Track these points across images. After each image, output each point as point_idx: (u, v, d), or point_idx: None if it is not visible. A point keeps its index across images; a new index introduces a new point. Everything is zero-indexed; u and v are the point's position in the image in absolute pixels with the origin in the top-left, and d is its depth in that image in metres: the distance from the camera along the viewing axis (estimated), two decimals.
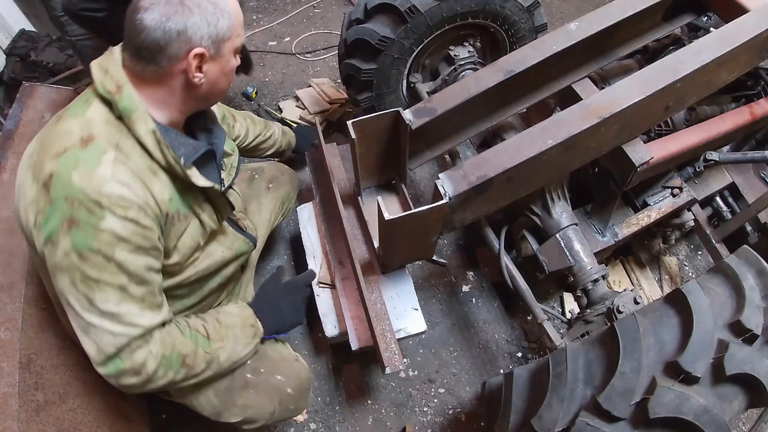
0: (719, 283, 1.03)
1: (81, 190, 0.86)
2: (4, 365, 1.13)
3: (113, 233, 0.88)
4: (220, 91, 1.04)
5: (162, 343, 0.99)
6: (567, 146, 1.26)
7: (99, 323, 0.92)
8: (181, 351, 1.02)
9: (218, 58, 0.97)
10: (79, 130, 0.91)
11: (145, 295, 0.96)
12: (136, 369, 0.96)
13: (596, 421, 0.98)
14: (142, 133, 0.92)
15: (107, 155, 0.89)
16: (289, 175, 1.80)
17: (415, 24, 1.71)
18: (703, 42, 1.34)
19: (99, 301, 0.91)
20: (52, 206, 0.87)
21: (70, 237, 0.87)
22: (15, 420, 1.07)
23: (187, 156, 0.99)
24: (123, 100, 0.91)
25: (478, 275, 2.07)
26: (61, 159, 0.88)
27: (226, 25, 0.94)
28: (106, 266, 0.89)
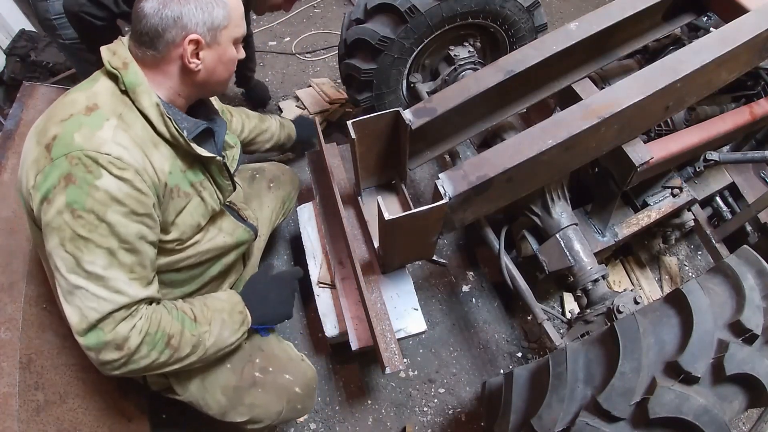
0: (719, 283, 1.03)
1: (80, 147, 0.89)
2: (4, 365, 1.13)
3: (108, 192, 0.89)
4: (220, 81, 1.08)
5: (147, 319, 0.98)
6: (567, 146, 1.26)
7: (84, 285, 0.91)
8: (166, 330, 1.01)
9: (215, 45, 1.01)
10: (85, 99, 0.95)
11: (135, 266, 0.96)
12: (118, 343, 0.94)
13: (596, 421, 0.98)
14: (146, 105, 0.96)
15: (110, 122, 0.93)
16: (290, 175, 1.80)
17: (415, 24, 1.71)
18: (703, 42, 1.34)
19: (86, 262, 0.90)
20: (52, 165, 0.90)
21: (65, 194, 0.89)
22: (15, 420, 1.07)
23: (189, 129, 1.04)
24: (129, 75, 0.96)
25: (478, 275, 2.07)
26: (65, 124, 0.92)
27: (222, 13, 0.98)
28: (97, 226, 0.90)
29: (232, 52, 1.06)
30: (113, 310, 0.93)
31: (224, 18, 0.99)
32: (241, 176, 1.67)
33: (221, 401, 1.25)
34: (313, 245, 1.69)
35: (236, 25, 1.03)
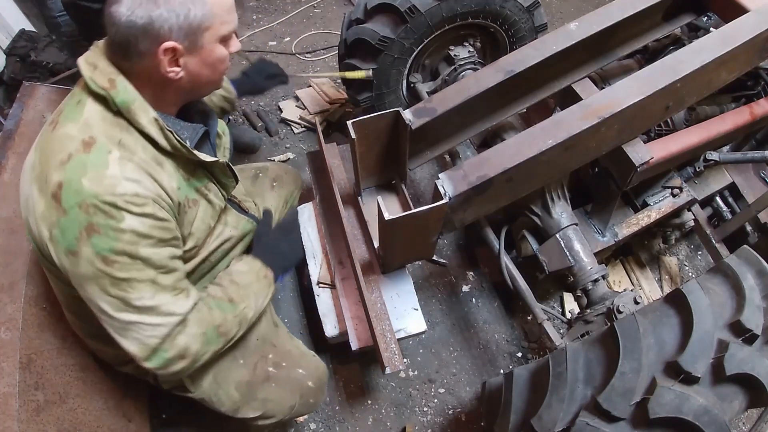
0: (719, 283, 1.03)
1: (95, 195, 0.85)
2: (4, 365, 1.13)
3: (134, 231, 0.88)
4: (209, 82, 1.00)
5: (198, 322, 1.01)
6: (567, 146, 1.26)
7: (138, 319, 0.92)
8: (214, 323, 1.04)
9: (197, 49, 0.91)
10: (79, 133, 0.88)
11: (175, 283, 0.97)
12: (182, 354, 0.98)
13: (596, 421, 0.98)
14: (145, 123, 0.91)
15: (113, 154, 0.88)
16: (292, 174, 1.80)
17: (415, 24, 1.71)
18: (703, 42, 1.34)
19: (134, 299, 0.91)
20: (67, 217, 0.86)
21: (91, 245, 0.86)
22: (15, 420, 1.06)
23: (191, 138, 1.01)
24: (119, 94, 0.89)
25: (478, 275, 2.07)
26: (67, 167, 0.86)
27: (200, 13, 0.87)
28: (133, 264, 0.89)
29: (219, 52, 0.95)
30: (169, 331, 0.95)
31: (205, 17, 0.88)
32: (244, 175, 1.67)
33: (234, 396, 1.26)
34: (313, 245, 1.69)
35: (222, 22, 0.92)
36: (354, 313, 1.50)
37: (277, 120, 2.54)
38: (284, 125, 2.55)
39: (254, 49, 2.88)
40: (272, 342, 1.35)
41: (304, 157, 1.86)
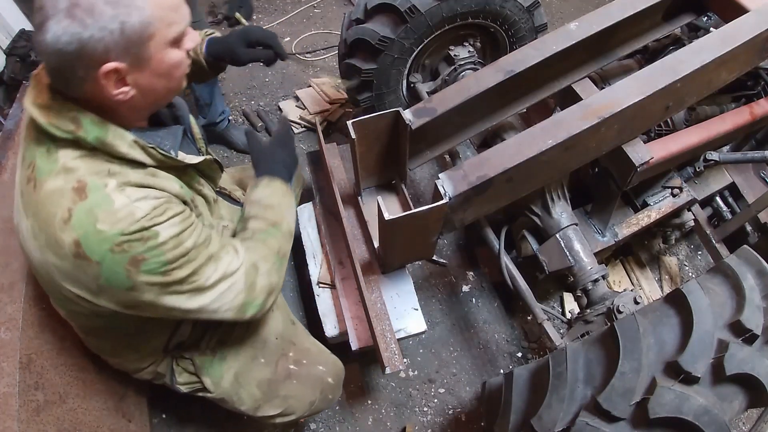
0: (719, 283, 1.03)
1: (120, 233, 0.80)
2: (4, 365, 1.12)
3: (173, 236, 0.85)
4: (169, 90, 0.91)
5: (263, 259, 1.05)
6: (567, 146, 1.26)
7: (217, 294, 0.95)
8: (275, 250, 1.09)
9: (143, 62, 0.80)
10: (65, 183, 0.81)
11: (222, 244, 0.99)
12: (269, 290, 1.04)
13: (596, 421, 0.98)
14: (126, 150, 0.84)
15: (109, 187, 0.82)
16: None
17: (415, 24, 1.71)
18: (703, 42, 1.34)
19: (205, 281, 0.93)
20: (105, 265, 0.81)
21: (144, 273, 0.83)
22: (15, 420, 1.06)
23: (173, 145, 0.96)
24: (89, 132, 0.81)
25: (478, 275, 2.07)
26: (74, 224, 0.80)
27: (138, 22, 0.75)
28: (189, 259, 0.89)
29: (172, 58, 0.84)
30: (246, 283, 0.99)
31: (144, 26, 0.76)
32: (246, 174, 1.67)
33: (256, 395, 1.27)
34: (313, 245, 1.69)
35: (169, 24, 0.81)
36: (354, 313, 1.50)
37: (277, 120, 2.54)
38: None
39: None
40: (291, 340, 1.37)
41: (304, 157, 1.86)
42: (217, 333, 1.28)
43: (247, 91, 2.68)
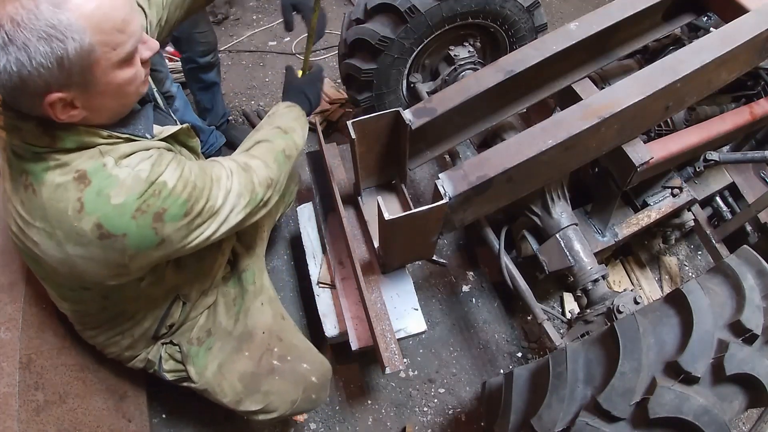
0: (719, 283, 1.03)
1: (134, 199, 0.83)
2: (4, 365, 1.13)
3: (178, 178, 0.89)
4: (125, 105, 0.88)
5: (262, 156, 1.11)
6: (567, 146, 1.26)
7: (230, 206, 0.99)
8: (280, 148, 1.17)
9: (90, 87, 0.77)
10: (64, 176, 0.82)
11: (209, 163, 1.01)
12: (267, 184, 1.09)
13: (596, 421, 0.98)
14: (103, 142, 0.85)
15: (107, 165, 0.83)
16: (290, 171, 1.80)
17: (415, 24, 1.70)
18: (703, 42, 1.34)
19: (217, 200, 0.96)
20: (130, 234, 0.84)
21: (168, 221, 0.87)
22: (15, 420, 1.06)
23: (146, 128, 0.94)
24: (66, 140, 0.81)
25: (478, 275, 2.07)
26: (88, 209, 0.81)
27: (75, 52, 0.71)
28: (199, 189, 0.92)
29: (121, 77, 0.80)
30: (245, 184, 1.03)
31: (84, 54, 0.72)
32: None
33: (237, 387, 1.27)
34: (313, 245, 1.69)
35: (114, 47, 0.76)
36: (354, 313, 1.50)
37: None
38: None
39: (254, 49, 2.88)
40: (279, 335, 1.37)
41: (304, 157, 1.85)
42: (207, 323, 1.30)
43: (247, 91, 2.68)
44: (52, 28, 0.68)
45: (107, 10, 0.73)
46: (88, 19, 0.71)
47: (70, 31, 0.70)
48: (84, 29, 0.71)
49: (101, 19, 0.72)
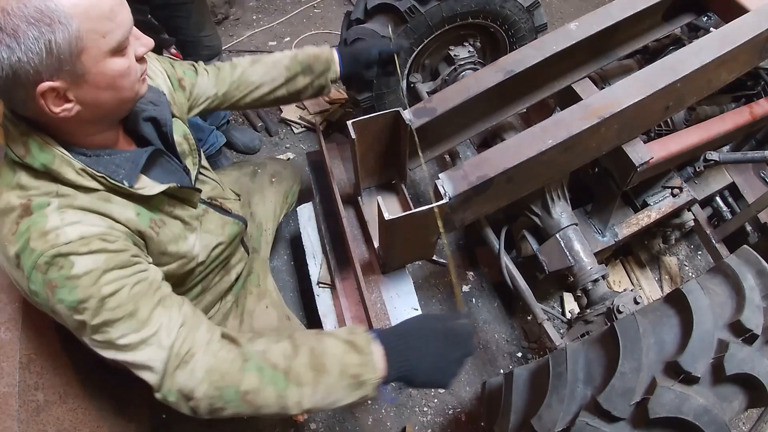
0: (719, 283, 1.03)
1: (41, 254, 0.80)
2: (4, 365, 1.12)
3: (89, 273, 0.81)
4: (120, 101, 0.86)
5: (211, 370, 0.87)
6: (567, 146, 1.26)
7: (127, 358, 0.86)
8: (235, 384, 0.87)
9: (81, 78, 0.77)
10: (17, 198, 0.83)
11: (154, 309, 0.88)
12: (186, 394, 0.87)
13: (596, 421, 0.98)
14: (73, 177, 0.83)
15: (50, 207, 0.82)
16: (291, 169, 1.80)
17: (415, 24, 1.70)
18: (703, 42, 1.34)
19: (120, 339, 0.84)
20: (31, 281, 0.82)
21: (58, 300, 0.81)
22: (15, 420, 1.06)
23: (128, 175, 0.89)
24: (36, 158, 0.81)
25: (478, 275, 2.07)
26: (17, 236, 0.81)
27: (64, 38, 0.72)
28: (102, 306, 0.82)
29: (114, 68, 0.80)
30: (164, 366, 0.86)
31: (73, 41, 0.73)
32: (243, 171, 1.68)
33: None
34: (313, 245, 1.69)
35: (103, 34, 0.76)
36: (354, 313, 1.50)
37: (276, 120, 2.54)
38: (284, 125, 2.55)
39: (254, 48, 2.88)
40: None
41: (304, 157, 1.86)
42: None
43: None
44: (40, 13, 0.70)
45: (94, 2, 0.74)
46: (75, 5, 0.72)
47: (57, 15, 0.70)
48: (71, 15, 0.72)
49: (88, 6, 0.73)
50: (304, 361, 0.90)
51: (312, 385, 0.88)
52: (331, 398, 0.89)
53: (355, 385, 0.90)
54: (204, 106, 1.31)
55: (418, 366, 0.92)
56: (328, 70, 1.40)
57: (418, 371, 0.92)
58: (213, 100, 1.31)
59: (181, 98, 1.20)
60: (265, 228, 1.60)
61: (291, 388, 0.88)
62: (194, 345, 0.88)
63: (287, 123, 2.54)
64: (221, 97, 1.32)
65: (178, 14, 1.83)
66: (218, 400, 0.87)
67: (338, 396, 0.90)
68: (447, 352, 0.95)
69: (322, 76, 1.40)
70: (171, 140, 1.04)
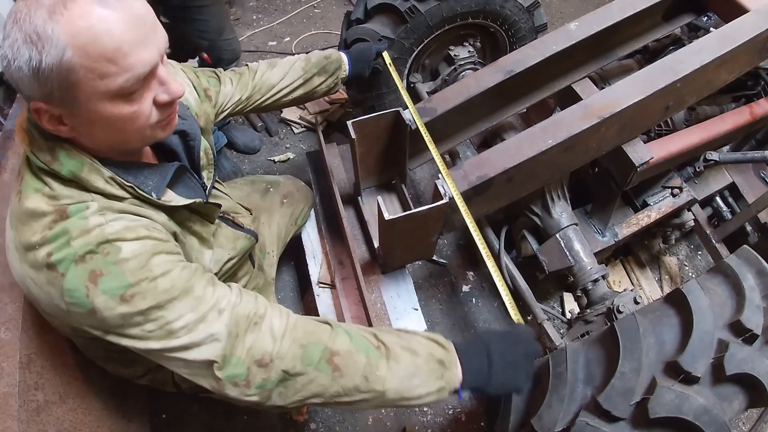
0: (719, 283, 1.03)
1: (84, 244, 0.75)
2: (4, 365, 1.12)
3: (137, 255, 0.77)
4: (125, 141, 0.81)
5: (290, 327, 0.83)
6: (567, 146, 1.26)
7: (189, 340, 0.79)
8: (327, 346, 0.83)
9: (73, 108, 0.72)
10: (48, 206, 0.78)
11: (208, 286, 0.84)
12: (259, 360, 0.80)
13: (596, 421, 0.98)
14: (102, 186, 0.80)
15: (89, 209, 0.78)
16: (304, 192, 1.75)
17: (415, 24, 1.71)
18: (703, 42, 1.34)
19: (174, 321, 0.78)
20: (67, 278, 0.75)
21: (102, 291, 0.75)
22: (15, 420, 1.06)
23: (156, 188, 0.87)
24: (64, 165, 0.77)
25: (478, 275, 2.07)
26: (50, 237, 0.76)
27: (54, 65, 0.66)
28: (154, 287, 0.77)
29: (116, 111, 0.74)
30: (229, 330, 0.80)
31: (63, 72, 0.67)
32: (255, 188, 1.64)
33: None
34: (313, 245, 1.69)
35: (101, 75, 0.69)
36: (354, 313, 1.50)
37: (276, 120, 2.54)
38: (284, 125, 2.55)
39: (254, 48, 2.88)
40: None
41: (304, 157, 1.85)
42: None
43: None
44: (36, 35, 0.65)
45: (98, 33, 0.67)
46: (74, 37, 0.66)
47: (51, 44, 0.65)
48: (65, 46, 0.66)
49: (88, 41, 0.67)
50: (392, 339, 0.88)
51: (400, 361, 0.86)
52: (414, 381, 0.87)
53: (439, 374, 0.89)
54: (229, 111, 1.34)
55: (490, 367, 0.94)
56: (339, 69, 1.50)
57: (490, 374, 0.94)
58: (237, 105, 1.35)
59: (208, 108, 1.19)
60: (269, 251, 1.55)
61: (381, 360, 0.84)
62: (260, 308, 0.84)
63: (287, 123, 2.54)
64: (245, 101, 1.36)
65: (198, 17, 1.82)
66: (298, 363, 0.81)
67: (421, 380, 0.87)
68: (512, 348, 0.96)
69: (334, 75, 1.49)
70: (197, 155, 1.02)
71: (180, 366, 0.82)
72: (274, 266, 1.57)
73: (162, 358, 0.82)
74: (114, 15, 0.68)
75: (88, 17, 0.66)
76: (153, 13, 0.75)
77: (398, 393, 0.86)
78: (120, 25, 0.68)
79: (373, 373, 0.84)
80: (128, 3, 0.70)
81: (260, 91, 1.38)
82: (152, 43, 0.73)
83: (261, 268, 1.49)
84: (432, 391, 0.89)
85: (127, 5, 0.70)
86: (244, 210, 1.39)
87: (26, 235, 0.78)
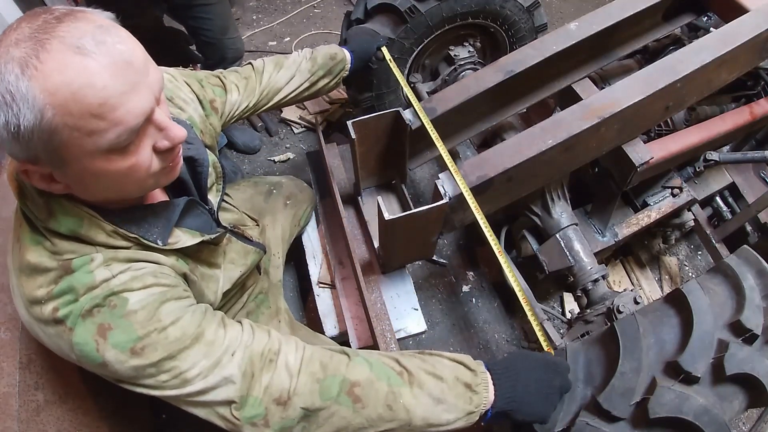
0: (719, 283, 1.03)
1: (91, 299, 0.72)
2: (4, 365, 1.12)
3: (145, 307, 0.74)
4: (121, 194, 0.76)
5: (305, 360, 0.80)
6: (567, 146, 1.26)
7: (205, 385, 0.76)
8: (342, 375, 0.79)
9: (64, 168, 0.65)
10: (50, 260, 0.74)
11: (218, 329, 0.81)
12: (276, 397, 0.77)
13: (596, 421, 0.98)
14: (103, 240, 0.76)
15: (95, 261, 0.74)
16: (307, 193, 1.76)
17: (415, 24, 1.70)
18: (703, 42, 1.34)
19: (187, 370, 0.76)
20: (76, 333, 0.72)
21: (111, 346, 0.72)
22: (15, 420, 1.06)
23: (161, 234, 0.82)
24: (61, 224, 0.73)
25: (478, 275, 2.07)
26: (55, 293, 0.73)
27: (34, 124, 0.59)
28: (166, 337, 0.74)
29: (111, 166, 0.67)
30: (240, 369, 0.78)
31: (45, 134, 0.60)
32: (258, 190, 1.64)
33: None
34: (313, 245, 1.69)
35: (88, 132, 0.61)
36: (354, 313, 1.50)
37: (277, 120, 2.54)
38: (284, 125, 2.55)
39: (254, 49, 2.88)
40: None
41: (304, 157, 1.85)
42: None
43: None
44: (10, 95, 0.57)
45: (79, 88, 0.59)
46: (52, 95, 0.58)
47: (26, 105, 0.57)
48: (44, 105, 0.58)
49: (68, 98, 0.58)
50: (416, 363, 0.85)
51: (424, 387, 0.83)
52: (440, 406, 0.83)
53: (467, 398, 0.85)
54: (237, 117, 1.31)
55: (524, 394, 0.89)
56: (343, 69, 1.50)
57: (522, 401, 0.89)
58: (244, 112, 1.32)
59: (215, 121, 1.14)
60: (273, 253, 1.55)
61: (404, 386, 0.81)
62: (274, 344, 0.81)
63: (287, 123, 2.54)
64: (252, 107, 1.33)
65: (202, 15, 1.82)
66: (317, 398, 0.78)
67: (448, 405, 0.83)
68: (549, 378, 0.92)
69: (339, 76, 1.50)
70: (204, 182, 0.98)
71: (197, 408, 0.80)
72: (280, 268, 1.57)
73: (178, 402, 0.80)
74: (94, 63, 0.59)
75: (65, 70, 0.58)
76: (142, 50, 0.66)
77: (425, 420, 0.83)
78: (103, 75, 0.60)
79: (396, 401, 0.81)
80: (109, 46, 0.61)
81: (267, 95, 1.35)
82: (144, 88, 0.65)
83: (266, 272, 1.49)
84: (460, 416, 0.85)
85: (109, 49, 0.61)
86: (251, 221, 1.38)
87: (30, 289, 0.75)
